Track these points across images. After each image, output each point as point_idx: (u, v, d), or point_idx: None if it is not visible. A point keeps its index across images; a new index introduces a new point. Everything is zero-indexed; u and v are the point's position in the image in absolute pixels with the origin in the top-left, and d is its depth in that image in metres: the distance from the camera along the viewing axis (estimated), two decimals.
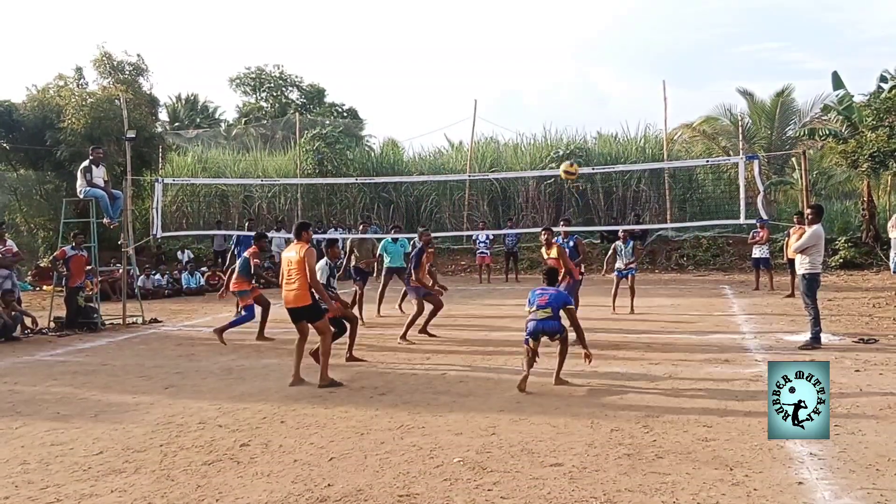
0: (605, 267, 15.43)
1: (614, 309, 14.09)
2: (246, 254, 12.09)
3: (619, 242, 14.70)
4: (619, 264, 14.64)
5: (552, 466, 5.39)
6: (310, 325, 8.72)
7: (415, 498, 4.88)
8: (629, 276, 14.35)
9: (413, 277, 11.58)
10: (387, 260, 14.62)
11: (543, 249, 11.61)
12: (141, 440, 6.40)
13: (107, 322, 14.30)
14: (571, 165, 13.53)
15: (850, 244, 22.08)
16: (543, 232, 11.59)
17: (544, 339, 8.18)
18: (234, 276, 12.05)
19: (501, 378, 8.63)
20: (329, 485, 5.16)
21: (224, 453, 5.95)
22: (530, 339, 8.08)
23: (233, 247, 16.21)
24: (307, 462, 5.67)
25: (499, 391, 7.93)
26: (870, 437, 5.90)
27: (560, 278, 10.12)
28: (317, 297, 8.66)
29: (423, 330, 11.73)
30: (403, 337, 11.30)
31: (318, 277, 8.96)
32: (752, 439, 5.90)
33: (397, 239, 14.96)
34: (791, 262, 16.22)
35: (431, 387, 8.27)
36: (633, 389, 7.86)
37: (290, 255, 8.68)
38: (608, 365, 9.16)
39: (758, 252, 17.80)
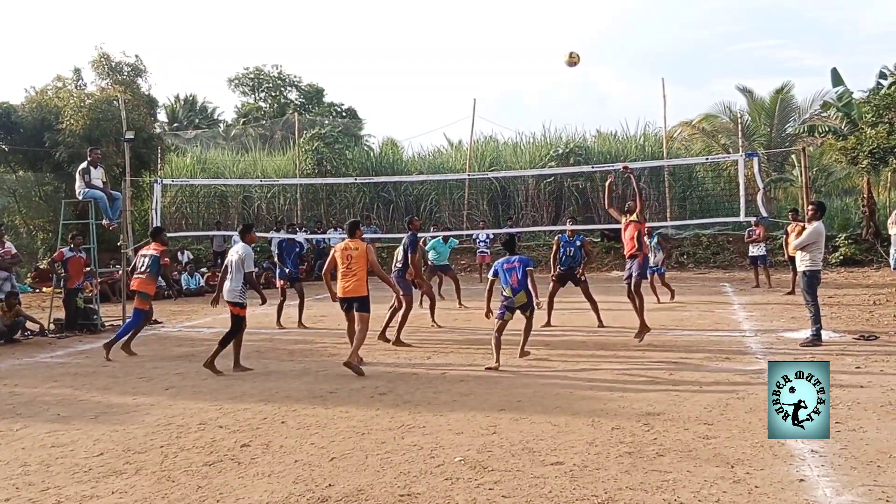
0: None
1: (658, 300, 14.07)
2: (154, 251, 11.21)
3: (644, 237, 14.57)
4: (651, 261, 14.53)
5: (553, 465, 5.38)
6: (357, 312, 9.44)
7: (416, 497, 4.87)
8: (657, 273, 14.15)
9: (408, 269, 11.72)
10: (433, 257, 15.56)
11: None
12: (141, 441, 6.39)
13: (106, 323, 14.30)
14: (572, 56, 13.44)
15: (850, 241, 22.08)
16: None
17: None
18: (140, 274, 11.15)
19: (502, 377, 8.62)
20: (330, 485, 5.16)
21: (225, 454, 5.95)
22: (506, 313, 9.42)
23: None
24: (308, 462, 5.67)
25: (499, 390, 7.93)
26: (871, 433, 5.90)
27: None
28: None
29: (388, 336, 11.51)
30: (397, 340, 11.21)
31: (245, 265, 9.57)
32: (753, 437, 5.89)
33: (447, 238, 15.57)
34: (791, 259, 16.25)
35: (432, 386, 8.26)
36: (633, 388, 7.85)
37: (349, 250, 9.44)
38: (608, 363, 9.16)
39: (754, 250, 17.80)
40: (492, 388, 8.03)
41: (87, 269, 14.41)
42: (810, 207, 10.77)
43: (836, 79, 24.35)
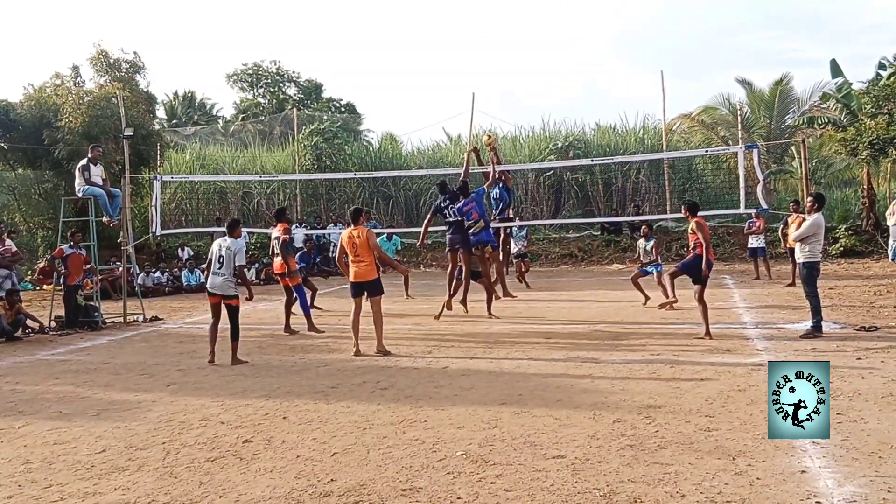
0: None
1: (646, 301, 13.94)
2: (278, 231, 12.43)
3: (641, 240, 14.56)
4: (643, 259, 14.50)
5: (555, 458, 5.39)
6: (369, 297, 9.91)
7: (418, 492, 4.88)
8: (655, 272, 14.08)
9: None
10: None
11: None
12: (143, 438, 6.40)
13: (108, 320, 14.31)
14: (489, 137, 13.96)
15: (850, 232, 22.07)
16: None
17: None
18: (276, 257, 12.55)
19: (503, 370, 8.63)
20: (332, 480, 5.16)
21: (227, 450, 5.95)
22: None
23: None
24: (310, 458, 5.67)
25: (500, 384, 7.93)
26: (872, 424, 5.90)
27: None
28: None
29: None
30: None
31: (237, 259, 10.10)
32: (754, 429, 5.90)
33: (391, 236, 15.70)
34: (791, 250, 16.25)
35: (433, 380, 8.27)
36: (634, 380, 7.86)
37: (353, 238, 9.89)
38: (610, 356, 9.16)
39: (754, 242, 17.79)
40: (493, 382, 8.04)
41: (88, 266, 14.41)
42: (809, 199, 10.78)
43: (836, 70, 24.32)
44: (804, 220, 15.65)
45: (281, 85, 44.60)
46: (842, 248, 21.64)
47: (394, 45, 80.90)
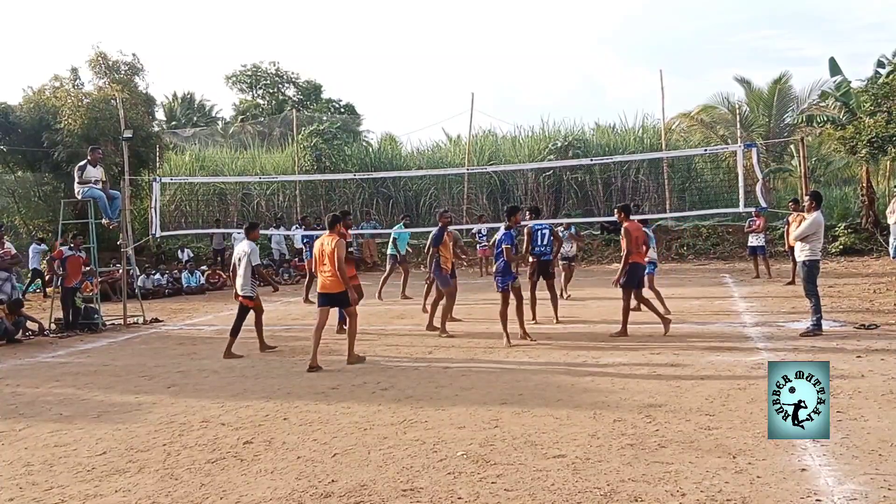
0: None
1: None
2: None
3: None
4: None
5: (555, 458, 5.39)
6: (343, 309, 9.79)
7: (419, 492, 4.88)
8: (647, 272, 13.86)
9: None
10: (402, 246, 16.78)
11: None
12: (144, 440, 6.40)
13: (108, 322, 14.31)
14: None
15: (849, 230, 22.05)
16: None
17: None
18: None
19: (503, 371, 8.64)
20: (333, 481, 5.17)
21: (227, 451, 5.96)
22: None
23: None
24: (310, 458, 5.68)
25: (500, 384, 7.93)
26: (872, 422, 5.91)
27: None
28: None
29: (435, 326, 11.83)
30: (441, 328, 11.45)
31: (251, 260, 10.32)
32: (754, 427, 5.90)
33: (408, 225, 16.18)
34: (791, 249, 16.27)
35: (433, 381, 8.27)
36: (634, 380, 7.86)
37: (323, 246, 9.46)
38: (610, 355, 9.17)
39: (754, 240, 17.80)
40: (493, 382, 8.04)
41: (87, 268, 14.41)
42: (807, 198, 10.79)
43: (834, 68, 24.31)
44: (804, 217, 15.75)
45: (280, 86, 44.59)
46: (841, 247, 21.62)
47: (393, 45, 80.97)
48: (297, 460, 5.66)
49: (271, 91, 44.40)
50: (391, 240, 16.94)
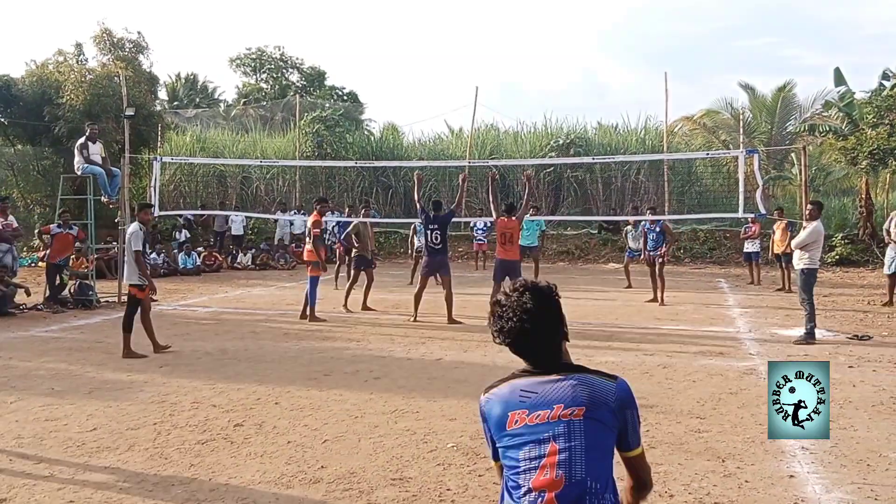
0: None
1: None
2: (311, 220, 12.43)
3: (629, 226, 14.64)
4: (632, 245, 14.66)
5: None
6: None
7: (408, 482, 4.89)
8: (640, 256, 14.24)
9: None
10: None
11: None
12: (135, 418, 6.41)
13: (102, 300, 14.29)
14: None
15: (846, 241, 22.08)
16: None
17: None
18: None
19: (496, 364, 8.63)
20: (322, 467, 5.18)
21: (218, 433, 5.97)
22: None
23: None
24: (301, 444, 5.69)
25: (493, 377, 7.86)
26: (861, 432, 5.93)
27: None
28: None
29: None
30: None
31: (133, 244, 9.50)
32: (744, 432, 5.93)
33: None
34: (778, 256, 16.36)
35: (426, 372, 8.29)
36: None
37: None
38: (603, 355, 9.18)
39: (750, 246, 17.88)
40: (486, 375, 8.02)
41: (79, 244, 14.41)
42: (809, 207, 10.78)
43: (839, 78, 24.32)
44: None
45: (284, 71, 44.46)
46: (838, 257, 21.66)
47: (398, 37, 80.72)
48: (287, 445, 5.67)
49: (275, 76, 44.28)
50: (413, 230, 17.70)
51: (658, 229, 14.30)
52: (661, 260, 14.05)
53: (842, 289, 16.71)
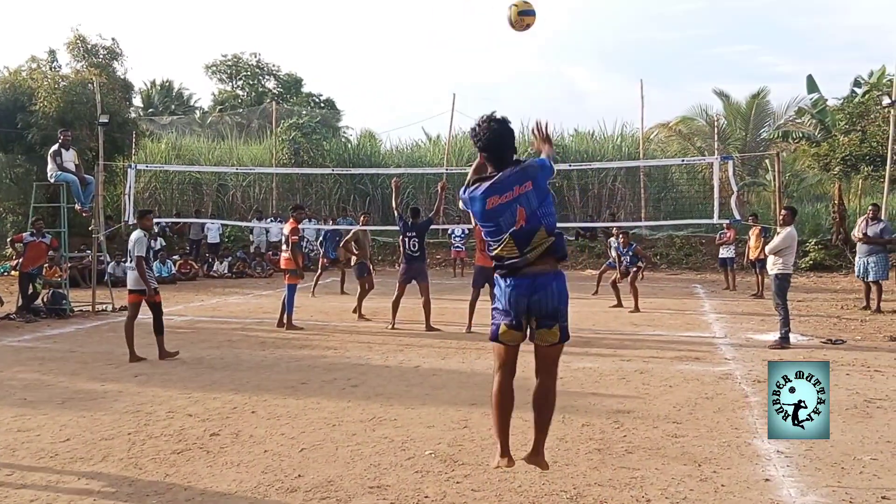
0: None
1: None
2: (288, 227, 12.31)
3: (612, 238, 14.76)
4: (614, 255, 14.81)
5: (523, 460, 5.40)
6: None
7: (385, 489, 4.87)
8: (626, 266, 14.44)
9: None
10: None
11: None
12: (109, 428, 6.33)
13: (76, 309, 14.13)
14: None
15: (819, 246, 22.34)
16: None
17: None
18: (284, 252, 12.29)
19: (474, 371, 8.64)
20: (299, 475, 5.15)
21: (193, 443, 5.91)
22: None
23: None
24: (277, 452, 5.65)
25: (471, 385, 7.94)
26: (836, 435, 5.97)
27: None
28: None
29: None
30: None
31: (137, 250, 9.56)
32: (720, 436, 5.96)
33: None
34: (753, 262, 16.53)
35: (404, 379, 8.26)
36: (604, 386, 7.91)
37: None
38: (580, 361, 9.20)
39: (725, 252, 18.04)
40: (464, 383, 8.05)
41: (52, 253, 14.24)
42: (783, 212, 10.89)
43: (812, 85, 24.69)
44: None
45: (260, 78, 44.36)
46: (811, 262, 21.89)
47: (375, 43, 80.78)
48: (263, 454, 5.62)
49: (251, 82, 44.16)
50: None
51: (630, 253, 14.41)
52: (638, 273, 14.26)
53: (815, 293, 16.89)
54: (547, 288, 4.41)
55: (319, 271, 16.71)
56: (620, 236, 14.72)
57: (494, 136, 4.57)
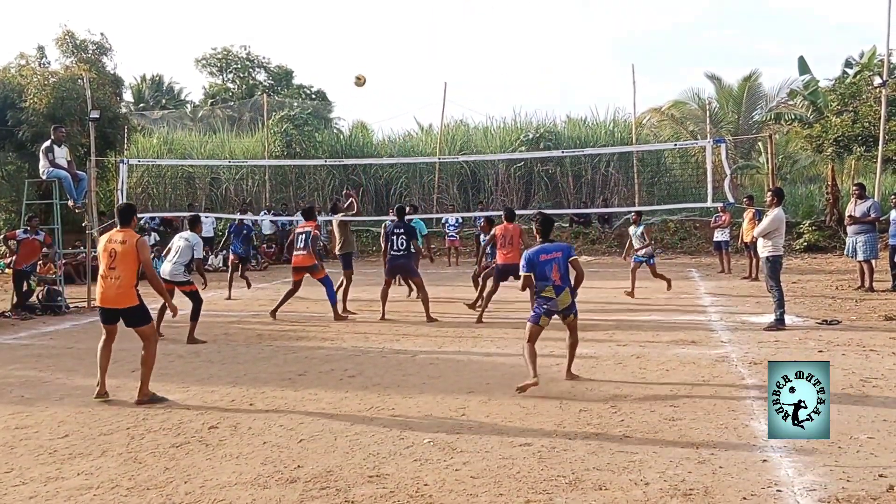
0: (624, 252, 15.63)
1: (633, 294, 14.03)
2: (308, 227, 12.27)
3: (632, 227, 14.66)
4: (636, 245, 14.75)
5: (521, 446, 5.42)
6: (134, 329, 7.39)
7: (385, 478, 4.88)
8: (647, 263, 14.18)
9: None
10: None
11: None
12: (107, 423, 6.33)
13: (71, 305, 14.10)
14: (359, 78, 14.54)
15: (813, 228, 22.38)
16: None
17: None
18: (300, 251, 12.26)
19: (471, 360, 8.66)
20: (299, 466, 5.15)
21: (192, 436, 5.91)
22: (542, 318, 7.34)
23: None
24: (276, 444, 5.66)
25: (468, 373, 7.96)
26: (832, 415, 5.98)
27: None
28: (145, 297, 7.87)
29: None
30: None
31: (196, 253, 10.69)
32: (717, 419, 5.99)
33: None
34: (747, 245, 16.56)
35: (401, 369, 8.28)
36: (600, 370, 7.93)
37: (114, 244, 7.10)
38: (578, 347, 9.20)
39: (719, 235, 18.05)
40: (461, 371, 8.07)
41: (46, 250, 14.19)
42: (769, 195, 10.89)
43: (803, 67, 24.66)
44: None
45: (251, 70, 44.13)
46: (805, 244, 21.93)
47: (366, 34, 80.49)
48: (262, 446, 5.63)
49: (242, 75, 43.94)
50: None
51: (640, 232, 14.33)
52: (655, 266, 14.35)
53: (810, 275, 16.93)
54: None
55: (231, 271, 15.94)
56: (633, 214, 14.77)
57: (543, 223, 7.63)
